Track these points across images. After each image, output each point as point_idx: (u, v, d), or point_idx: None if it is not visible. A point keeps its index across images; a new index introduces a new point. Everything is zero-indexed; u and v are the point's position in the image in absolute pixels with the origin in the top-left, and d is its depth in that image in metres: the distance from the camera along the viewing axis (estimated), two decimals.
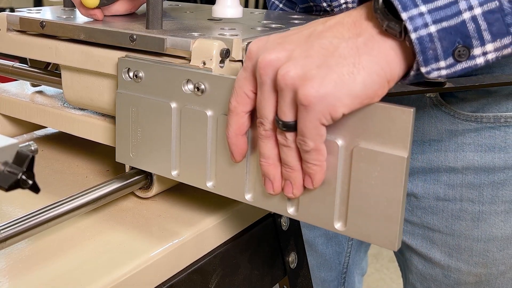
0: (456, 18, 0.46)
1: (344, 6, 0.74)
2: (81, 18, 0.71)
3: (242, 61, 0.60)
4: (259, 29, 0.67)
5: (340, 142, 0.50)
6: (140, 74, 0.60)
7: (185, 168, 0.60)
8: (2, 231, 0.51)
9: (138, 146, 0.62)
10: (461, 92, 0.75)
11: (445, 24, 0.46)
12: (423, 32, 0.46)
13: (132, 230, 0.60)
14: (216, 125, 0.56)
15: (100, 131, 0.68)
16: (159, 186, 0.65)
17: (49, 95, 0.79)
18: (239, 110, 0.52)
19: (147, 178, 0.65)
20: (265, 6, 0.94)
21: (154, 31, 0.63)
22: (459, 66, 0.48)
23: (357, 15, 0.49)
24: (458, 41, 0.47)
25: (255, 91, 0.51)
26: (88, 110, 0.71)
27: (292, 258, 0.73)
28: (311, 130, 0.47)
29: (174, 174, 0.60)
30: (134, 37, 0.62)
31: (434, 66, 0.47)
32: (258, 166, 0.54)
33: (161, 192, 0.67)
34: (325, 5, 0.76)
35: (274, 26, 0.70)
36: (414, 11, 0.46)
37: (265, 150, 0.52)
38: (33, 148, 0.48)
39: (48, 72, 0.77)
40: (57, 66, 0.78)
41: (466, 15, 0.46)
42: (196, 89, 0.57)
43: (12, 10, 0.77)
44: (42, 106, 0.74)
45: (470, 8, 0.47)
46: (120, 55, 0.63)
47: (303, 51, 0.48)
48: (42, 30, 0.69)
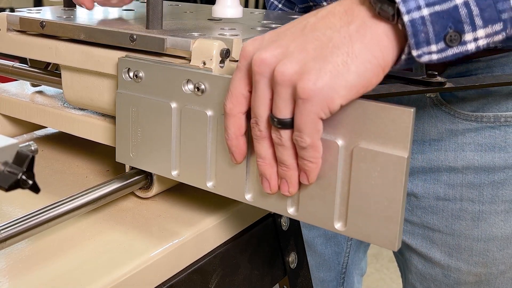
0: (449, 2, 0.47)
1: None
2: (81, 18, 0.71)
3: None
4: (259, 29, 0.67)
5: (340, 142, 0.50)
6: (140, 74, 0.60)
7: (185, 168, 0.60)
8: (2, 231, 0.51)
9: (138, 146, 0.62)
10: (461, 91, 0.75)
11: (437, 8, 0.47)
12: (416, 14, 0.46)
13: (132, 230, 0.60)
14: (216, 125, 0.56)
15: (100, 131, 0.68)
16: (159, 186, 0.65)
17: (49, 95, 0.79)
18: (236, 111, 0.52)
19: (147, 178, 0.65)
20: (265, 6, 0.94)
21: (154, 31, 0.63)
22: (450, 51, 0.48)
23: (348, 3, 0.49)
24: (450, 25, 0.47)
25: (251, 90, 0.51)
26: (88, 110, 0.71)
27: (292, 258, 0.73)
28: (309, 125, 0.47)
29: (174, 174, 0.60)
30: (134, 37, 0.62)
31: (425, 49, 0.47)
32: None
33: (161, 192, 0.67)
34: (325, 4, 0.76)
35: (274, 26, 0.70)
36: None
37: (260, 150, 0.51)
38: (33, 148, 0.48)
39: (48, 72, 0.77)
40: (57, 66, 0.78)
41: (459, 0, 0.46)
42: (196, 89, 0.57)
43: (12, 10, 0.77)
44: (42, 106, 0.74)
45: None
46: (120, 55, 0.63)
47: (298, 45, 0.48)
48: (42, 30, 0.69)
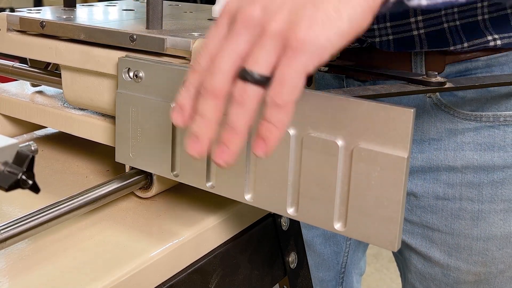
0: None
1: None
2: (81, 18, 0.71)
3: None
4: None
5: (340, 142, 0.50)
6: (140, 74, 0.60)
7: (185, 168, 0.60)
8: (2, 231, 0.51)
9: (138, 146, 0.62)
10: (460, 91, 0.75)
11: None
12: None
13: (132, 230, 0.60)
14: None
15: (100, 131, 0.68)
16: (159, 186, 0.65)
17: (49, 95, 0.79)
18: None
19: (147, 178, 0.65)
20: None
21: (154, 31, 0.63)
22: None
23: None
24: None
25: None
26: (88, 110, 0.71)
27: (292, 258, 0.73)
28: (294, 79, 0.42)
29: (174, 174, 0.60)
30: (134, 37, 0.62)
31: None
32: (258, 166, 0.54)
33: (161, 192, 0.67)
34: None
35: None
36: None
37: (206, 109, 0.44)
38: (33, 148, 0.48)
39: (48, 72, 0.77)
40: (57, 66, 0.78)
41: None
42: None
43: (12, 10, 0.77)
44: (42, 106, 0.74)
45: None
46: (120, 55, 0.63)
47: None
48: (42, 30, 0.69)
